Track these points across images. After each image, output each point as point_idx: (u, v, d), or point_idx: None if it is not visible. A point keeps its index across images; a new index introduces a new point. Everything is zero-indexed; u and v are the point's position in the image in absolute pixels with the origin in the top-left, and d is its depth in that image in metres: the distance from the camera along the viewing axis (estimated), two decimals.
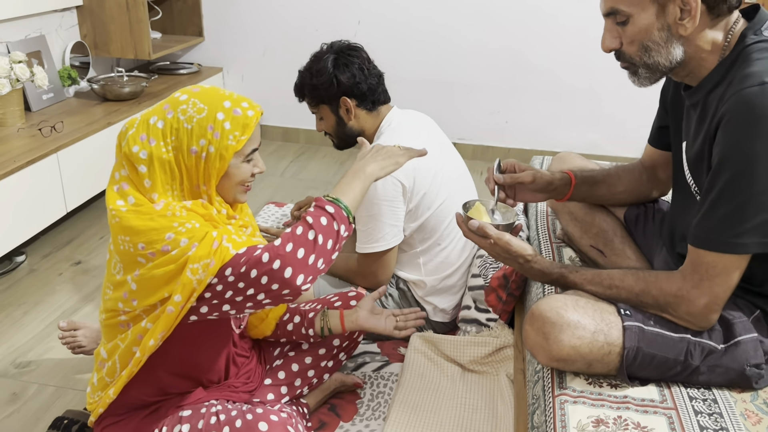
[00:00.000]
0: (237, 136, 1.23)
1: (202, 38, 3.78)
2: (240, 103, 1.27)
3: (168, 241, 1.17)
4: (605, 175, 1.53)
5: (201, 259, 1.16)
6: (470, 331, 1.75)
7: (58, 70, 3.09)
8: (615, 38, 1.21)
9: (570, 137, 3.59)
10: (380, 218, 1.70)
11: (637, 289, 1.19)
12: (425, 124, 1.90)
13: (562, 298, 1.19)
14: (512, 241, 1.28)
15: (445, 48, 3.53)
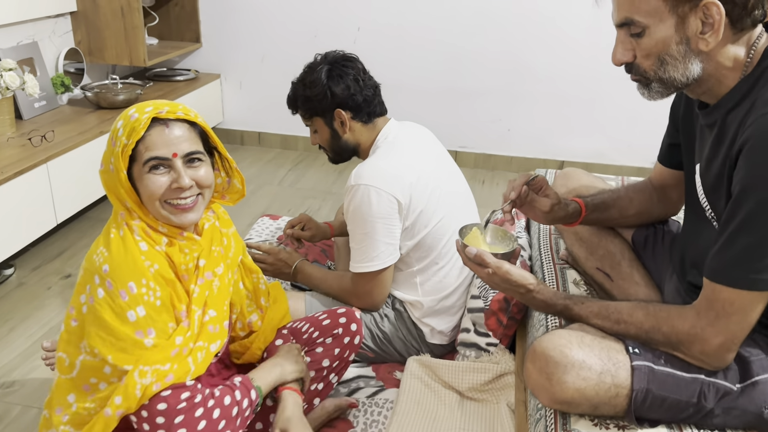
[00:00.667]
0: (123, 141, 1.17)
1: (199, 44, 3.72)
2: (145, 108, 1.20)
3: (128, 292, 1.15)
4: (615, 198, 1.45)
5: (155, 363, 1.15)
6: (469, 356, 1.67)
7: (51, 78, 3.02)
8: (628, 51, 1.14)
9: (574, 146, 3.51)
10: (375, 236, 1.63)
11: (647, 325, 1.11)
12: (423, 137, 1.83)
13: (567, 334, 1.11)
14: (512, 270, 1.20)
15: (446, 55, 3.45)
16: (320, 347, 1.55)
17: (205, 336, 1.25)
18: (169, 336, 1.19)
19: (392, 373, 1.76)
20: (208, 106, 3.71)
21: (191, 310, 1.23)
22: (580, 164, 3.51)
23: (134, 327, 1.14)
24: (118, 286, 1.14)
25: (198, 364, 1.22)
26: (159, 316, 1.17)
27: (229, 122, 3.87)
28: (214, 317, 1.28)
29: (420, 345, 1.78)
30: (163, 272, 1.19)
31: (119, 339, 1.14)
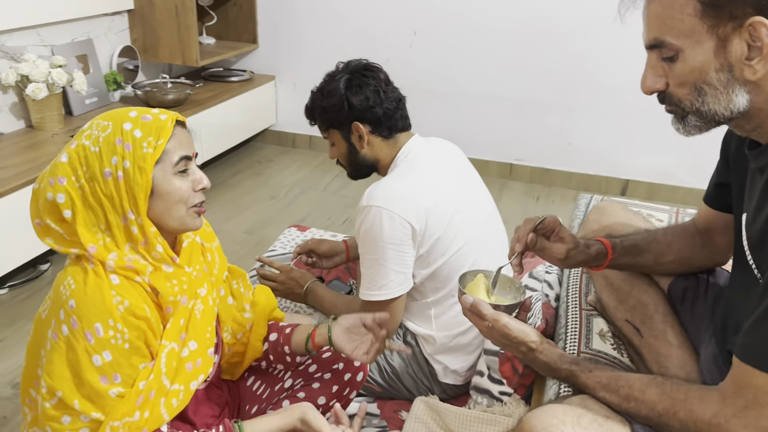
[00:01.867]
0: (152, 142, 1.07)
1: (256, 45, 3.69)
2: (149, 110, 1.12)
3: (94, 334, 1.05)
4: (651, 241, 1.25)
5: (124, 416, 1.05)
6: (481, 403, 1.51)
7: (104, 75, 3.05)
8: (659, 77, 0.96)
9: (639, 163, 3.25)
10: (385, 263, 1.50)
11: (660, 407, 0.93)
12: (448, 157, 1.67)
13: (562, 412, 0.94)
14: (511, 324, 1.05)
15: (504, 63, 3.27)
16: (317, 383, 1.44)
17: (183, 377, 1.15)
18: (136, 377, 1.09)
19: (398, 413, 1.63)
20: (262, 107, 3.68)
21: (161, 346, 1.13)
22: (644, 183, 3.26)
23: (99, 372, 1.04)
24: (83, 326, 1.04)
25: (173, 410, 1.13)
26: (126, 361, 1.07)
27: (282, 124, 3.83)
28: (194, 351, 1.17)
29: (431, 383, 1.64)
30: (134, 309, 1.07)
31: (83, 384, 1.05)
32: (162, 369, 1.11)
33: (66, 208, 1.06)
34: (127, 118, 1.09)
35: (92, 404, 1.05)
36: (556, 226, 1.18)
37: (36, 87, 2.50)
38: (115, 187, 1.06)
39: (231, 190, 3.24)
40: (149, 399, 1.09)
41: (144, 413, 1.08)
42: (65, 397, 1.04)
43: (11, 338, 2.09)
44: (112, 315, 1.05)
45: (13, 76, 2.49)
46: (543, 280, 1.64)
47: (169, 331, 1.14)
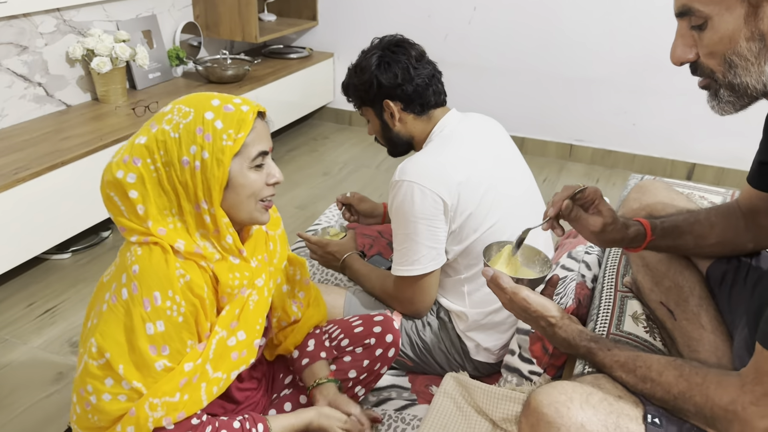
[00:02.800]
0: (232, 135, 1.07)
1: (315, 22, 3.71)
2: (231, 99, 1.11)
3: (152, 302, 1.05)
4: (693, 222, 1.18)
5: (164, 395, 1.06)
6: (511, 381, 1.49)
7: (168, 50, 3.15)
8: (689, 47, 0.91)
9: (706, 147, 3.09)
10: (416, 238, 1.49)
11: (677, 390, 0.88)
12: (485, 132, 1.63)
13: (571, 389, 0.91)
14: (531, 297, 1.02)
15: (567, 41, 3.16)
16: (348, 356, 1.45)
17: (226, 366, 1.16)
18: (184, 355, 1.10)
19: (428, 387, 1.62)
20: (320, 84, 3.70)
21: (213, 332, 1.13)
22: (712, 168, 3.11)
23: (150, 340, 1.05)
24: (143, 292, 1.04)
25: (212, 395, 1.14)
26: (177, 334, 1.08)
27: (339, 102, 3.85)
28: (242, 341, 1.18)
29: (463, 360, 1.62)
30: (193, 285, 1.08)
31: (134, 351, 1.05)
32: (210, 355, 1.12)
33: (132, 188, 1.06)
34: (210, 106, 1.08)
35: (137, 372, 1.06)
36: (597, 198, 1.12)
37: (100, 61, 2.61)
38: (191, 175, 1.06)
39: (286, 166, 3.29)
40: (192, 382, 1.10)
41: (184, 395, 1.09)
42: (112, 360, 1.05)
43: (71, 299, 2.21)
44: (172, 286, 1.05)
45: (80, 50, 2.60)
46: (581, 260, 1.59)
47: (222, 319, 1.15)
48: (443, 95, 1.62)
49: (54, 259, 2.42)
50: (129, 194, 1.06)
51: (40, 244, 2.20)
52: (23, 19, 2.44)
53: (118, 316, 1.06)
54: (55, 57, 2.60)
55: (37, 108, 2.58)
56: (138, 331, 1.05)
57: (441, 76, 1.63)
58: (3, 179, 2.05)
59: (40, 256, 2.34)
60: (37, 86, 2.56)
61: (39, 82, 2.57)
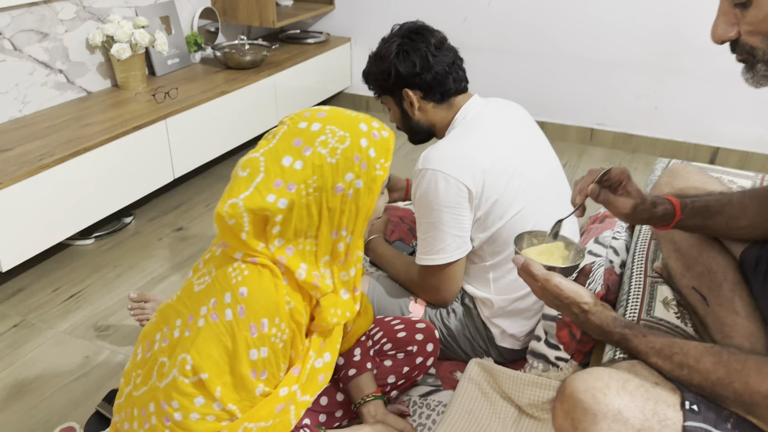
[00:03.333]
0: (384, 164, 1.06)
1: (332, 6, 3.68)
2: (371, 123, 1.08)
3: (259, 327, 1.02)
4: (725, 203, 1.16)
5: (260, 420, 1.05)
6: (537, 368, 1.48)
7: (186, 36, 3.14)
8: (731, 25, 0.89)
9: (731, 130, 3.04)
10: (441, 227, 1.48)
11: (715, 376, 0.87)
12: (508, 117, 1.61)
13: (607, 375, 0.90)
14: (563, 284, 1.01)
15: (588, 21, 3.11)
16: (390, 360, 1.46)
17: (313, 388, 1.14)
18: (278, 380, 1.09)
19: (453, 373, 1.62)
20: (337, 70, 3.68)
21: (307, 356, 1.12)
22: (736, 152, 3.06)
23: (251, 366, 1.03)
24: (250, 317, 1.01)
25: (299, 418, 1.13)
26: (276, 360, 1.06)
27: (357, 87, 3.83)
28: (327, 363, 1.16)
29: (488, 346, 1.62)
30: (296, 313, 1.06)
31: (234, 374, 1.03)
32: (303, 380, 1.11)
33: (281, 213, 1.02)
34: (361, 132, 1.05)
35: (235, 395, 1.04)
36: (624, 179, 1.11)
37: (120, 47, 2.61)
38: (341, 202, 1.04)
39: None
40: (287, 409, 1.09)
41: (276, 419, 1.08)
42: (209, 381, 1.02)
43: (96, 284, 2.23)
44: (280, 313, 1.03)
45: (100, 36, 2.60)
46: (609, 245, 1.57)
47: (313, 341, 1.13)
48: (464, 82, 1.60)
49: (77, 244, 2.45)
50: (275, 218, 1.02)
51: (64, 230, 2.22)
52: (44, 6, 2.45)
53: (219, 336, 1.02)
54: (75, 44, 2.60)
55: (58, 95, 2.60)
56: (241, 356, 1.02)
57: (462, 63, 1.61)
58: (28, 165, 2.06)
59: (63, 241, 2.37)
60: (58, 73, 2.57)
61: (60, 69, 2.58)
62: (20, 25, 2.37)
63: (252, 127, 3.08)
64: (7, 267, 2.04)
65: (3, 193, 1.97)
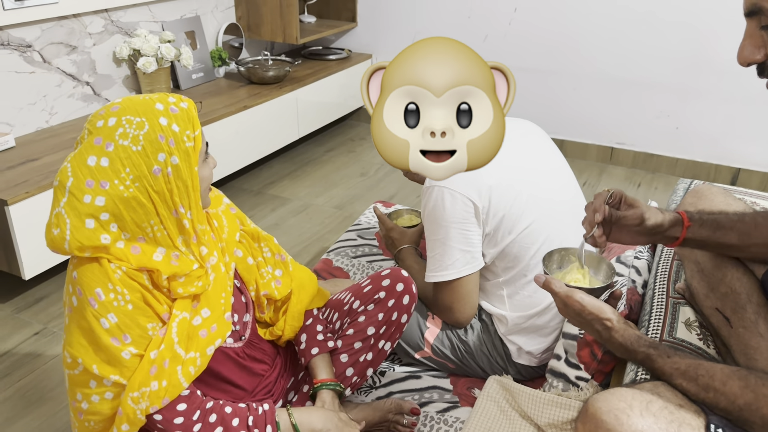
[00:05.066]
0: (190, 135, 1.09)
1: (355, 24, 3.72)
2: (167, 99, 1.11)
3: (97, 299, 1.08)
4: (735, 221, 1.15)
5: (141, 386, 1.10)
6: (556, 387, 1.46)
7: (210, 51, 3.19)
8: (758, 48, 0.89)
9: (753, 152, 3.02)
10: (449, 242, 1.48)
11: (742, 401, 0.86)
12: (519, 134, 1.60)
13: (630, 396, 0.90)
14: (585, 300, 1.00)
15: (608, 41, 3.12)
16: (362, 315, 1.45)
17: (197, 344, 1.18)
18: (149, 340, 1.13)
19: (471, 390, 1.61)
20: (357, 86, 3.68)
21: (172, 315, 1.15)
22: (758, 173, 3.03)
23: (108, 334, 1.08)
24: (86, 293, 1.08)
25: (191, 376, 1.17)
26: (133, 321, 1.10)
27: None
28: (207, 318, 1.20)
29: (506, 363, 1.61)
30: (131, 274, 1.10)
31: (99, 348, 1.09)
32: (174, 338, 1.14)
33: (104, 212, 1.06)
34: (158, 112, 1.07)
35: (110, 367, 1.10)
36: (622, 195, 1.14)
37: (146, 61, 2.65)
38: (165, 182, 1.08)
39: (323, 166, 3.31)
40: (164, 368, 1.12)
41: (162, 382, 1.12)
42: (85, 363, 1.10)
43: None
44: (110, 279, 1.08)
45: (126, 50, 2.65)
46: (631, 265, 1.56)
47: (179, 302, 1.16)
48: None
49: None
50: (100, 217, 1.06)
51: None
52: (73, 20, 2.50)
53: (76, 323, 1.10)
54: (102, 57, 2.66)
55: (84, 106, 2.64)
56: (96, 328, 1.08)
57: None
58: (53, 175, 2.10)
59: None
60: (85, 85, 2.62)
61: (87, 81, 2.62)
62: (50, 38, 2.43)
63: (273, 141, 3.11)
64: (30, 275, 2.07)
65: (28, 201, 2.00)
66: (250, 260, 1.36)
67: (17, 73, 2.35)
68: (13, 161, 2.20)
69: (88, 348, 1.09)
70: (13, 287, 2.24)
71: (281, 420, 1.22)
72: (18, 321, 2.09)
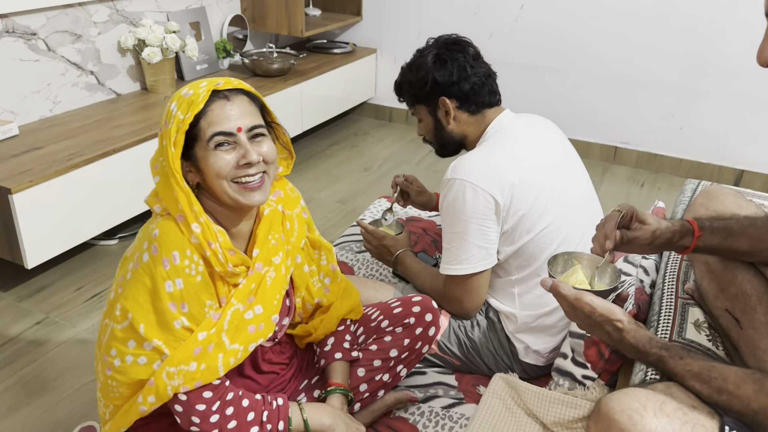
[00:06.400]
0: (179, 117, 1.09)
1: (360, 17, 3.71)
2: (200, 84, 1.12)
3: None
4: (747, 225, 1.15)
5: (180, 363, 1.10)
6: (562, 385, 1.46)
7: (215, 42, 3.17)
8: None
9: (757, 153, 3.02)
10: (467, 237, 1.47)
11: (756, 405, 0.86)
12: (539, 132, 1.61)
13: (644, 396, 0.89)
14: (595, 302, 1.00)
15: (615, 41, 3.11)
16: (389, 336, 1.45)
17: (243, 338, 1.18)
18: (203, 318, 1.13)
19: (476, 387, 1.61)
20: (362, 80, 3.70)
21: (229, 303, 1.17)
22: (762, 175, 3.03)
23: (170, 297, 1.09)
24: (162, 252, 1.09)
25: (229, 366, 1.17)
26: (196, 294, 1.12)
27: (381, 98, 3.84)
28: (259, 315, 1.20)
29: (512, 361, 1.61)
30: (202, 246, 1.12)
31: (155, 309, 1.10)
32: (224, 326, 1.14)
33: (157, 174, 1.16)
34: (178, 95, 1.13)
35: (157, 330, 1.10)
36: (633, 212, 1.12)
37: (151, 51, 2.64)
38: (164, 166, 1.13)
39: (327, 161, 3.30)
40: (207, 352, 1.12)
41: (201, 365, 1.12)
42: (134, 320, 1.10)
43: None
44: (190, 246, 1.10)
45: (131, 40, 2.63)
46: (639, 265, 1.56)
47: (238, 292, 1.18)
48: (498, 95, 1.61)
49: (101, 244, 2.46)
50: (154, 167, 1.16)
51: (89, 230, 2.24)
52: (78, 8, 2.48)
53: (139, 278, 1.10)
54: (107, 46, 2.64)
55: (88, 96, 2.63)
56: (159, 289, 1.09)
57: (496, 77, 1.62)
58: (57, 165, 2.09)
59: (88, 241, 2.38)
60: (89, 74, 2.61)
61: (91, 71, 2.61)
62: (55, 26, 2.41)
63: None
64: (33, 264, 2.06)
65: (32, 191, 1.99)
66: (306, 267, 1.37)
67: (21, 60, 2.34)
68: (17, 149, 2.19)
69: (144, 306, 1.10)
70: (15, 276, 2.23)
71: (293, 415, 1.22)
72: (20, 310, 2.08)
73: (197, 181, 1.16)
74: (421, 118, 1.66)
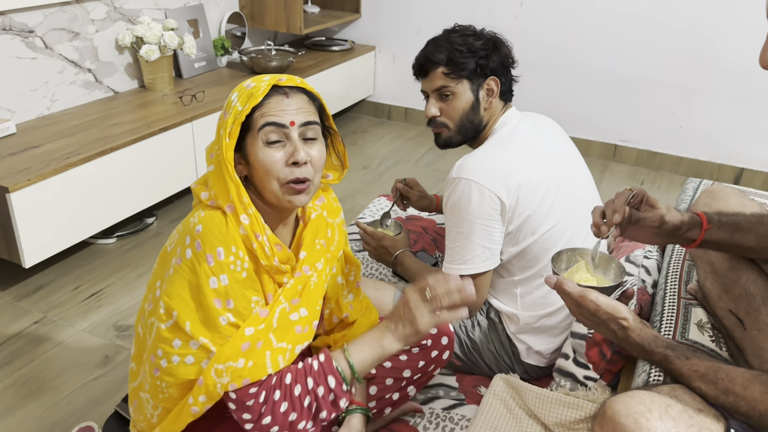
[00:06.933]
0: (237, 108, 1.09)
1: (358, 15, 3.69)
2: (263, 77, 1.12)
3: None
4: (753, 222, 1.14)
5: (228, 360, 1.07)
6: (564, 386, 1.46)
7: (213, 40, 3.16)
8: None
9: (757, 151, 3.02)
10: (470, 237, 1.46)
11: (763, 407, 0.85)
12: (544, 132, 1.60)
13: (649, 399, 0.88)
14: (600, 299, 0.99)
15: (613, 39, 3.10)
16: (404, 355, 1.43)
17: (291, 337, 1.15)
18: (249, 314, 1.11)
19: (477, 388, 1.60)
20: (360, 78, 3.69)
21: (277, 301, 1.15)
22: (761, 173, 3.02)
23: (214, 294, 1.07)
24: (206, 249, 1.07)
25: (278, 365, 1.13)
26: (241, 290, 1.09)
27: (379, 96, 3.83)
28: (304, 317, 1.18)
29: (513, 362, 1.60)
30: (249, 239, 1.11)
31: (200, 306, 1.08)
32: (273, 324, 1.12)
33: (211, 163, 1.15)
34: (240, 87, 1.12)
35: (203, 328, 1.08)
36: (644, 195, 1.12)
37: (149, 48, 2.62)
38: (218, 143, 1.12)
39: None
40: (255, 348, 1.10)
41: (248, 362, 1.09)
42: (179, 318, 1.08)
43: (116, 284, 2.23)
44: (236, 242, 1.08)
45: (129, 37, 2.62)
46: (641, 265, 1.55)
47: (286, 291, 1.16)
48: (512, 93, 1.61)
49: (99, 243, 2.45)
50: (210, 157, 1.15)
51: (87, 229, 2.23)
52: (76, 6, 2.47)
53: (183, 275, 1.08)
54: (104, 44, 2.62)
55: (86, 94, 2.61)
56: (203, 286, 1.07)
57: None
58: (55, 163, 2.07)
59: (86, 240, 2.37)
60: (86, 72, 2.59)
61: (89, 68, 2.59)
62: (52, 24, 2.39)
63: None
64: (30, 263, 2.05)
65: (29, 189, 1.98)
66: (339, 279, 1.35)
67: (19, 58, 2.32)
68: (15, 148, 2.17)
69: (189, 303, 1.08)
70: (13, 275, 2.22)
71: (341, 365, 1.15)
72: (18, 309, 2.07)
73: (245, 174, 1.15)
74: (454, 93, 1.53)
